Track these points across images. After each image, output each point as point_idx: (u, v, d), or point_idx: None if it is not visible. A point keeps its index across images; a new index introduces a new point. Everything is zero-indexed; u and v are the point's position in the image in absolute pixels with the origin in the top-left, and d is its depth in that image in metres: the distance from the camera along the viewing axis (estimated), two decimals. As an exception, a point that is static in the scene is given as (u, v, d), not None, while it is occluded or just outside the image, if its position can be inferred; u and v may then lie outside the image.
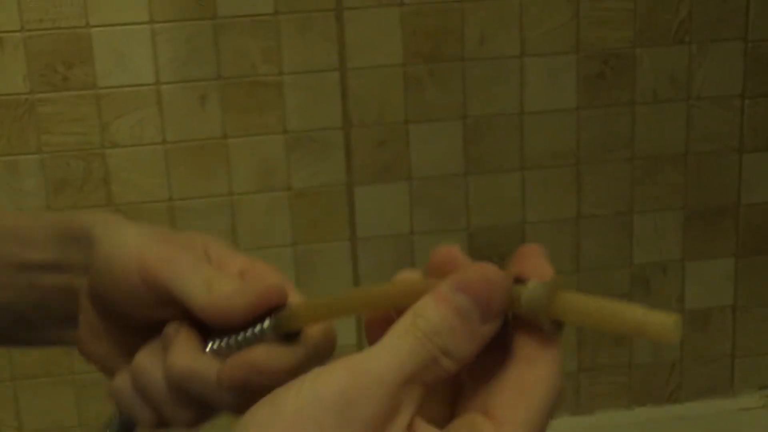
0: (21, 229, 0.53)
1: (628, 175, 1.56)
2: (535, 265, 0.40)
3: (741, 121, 1.56)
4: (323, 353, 0.48)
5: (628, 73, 1.51)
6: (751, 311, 1.65)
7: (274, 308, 0.47)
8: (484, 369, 0.39)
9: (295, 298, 0.49)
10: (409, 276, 0.42)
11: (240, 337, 0.47)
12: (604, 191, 1.56)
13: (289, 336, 0.47)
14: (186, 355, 0.47)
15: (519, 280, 0.38)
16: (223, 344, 0.48)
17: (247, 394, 0.45)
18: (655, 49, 1.51)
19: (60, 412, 1.51)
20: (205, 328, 0.49)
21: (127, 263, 0.49)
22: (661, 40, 1.51)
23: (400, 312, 0.39)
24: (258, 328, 0.47)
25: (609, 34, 1.49)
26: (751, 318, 1.65)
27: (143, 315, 0.50)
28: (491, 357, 0.39)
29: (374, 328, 0.42)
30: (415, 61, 1.45)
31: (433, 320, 0.37)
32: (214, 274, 0.48)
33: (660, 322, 0.36)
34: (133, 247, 0.49)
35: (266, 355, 0.46)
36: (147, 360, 0.49)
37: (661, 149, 1.55)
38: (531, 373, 0.38)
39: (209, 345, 0.48)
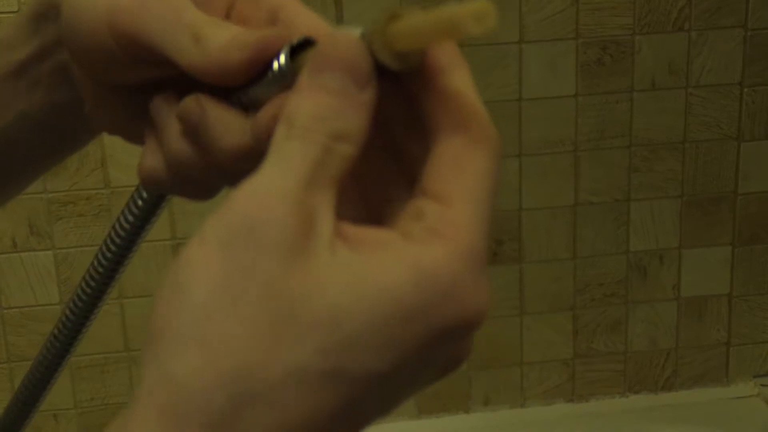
0: (3, 38, 0.48)
1: (626, 163, 1.56)
2: None
3: (739, 109, 1.56)
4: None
5: (627, 61, 1.51)
6: (747, 300, 1.65)
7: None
8: (410, 156, 0.36)
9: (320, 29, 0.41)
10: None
11: (260, 89, 0.39)
12: (601, 178, 1.56)
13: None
14: (233, 127, 0.40)
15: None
16: (244, 97, 0.40)
17: None
18: (654, 36, 1.50)
19: (54, 394, 1.51)
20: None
21: (96, 22, 0.41)
22: (661, 27, 1.50)
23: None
24: (275, 72, 0.39)
25: (608, 21, 1.49)
26: (746, 306, 1.65)
27: (130, 78, 0.43)
28: (411, 140, 0.36)
29: None
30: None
31: (307, 110, 0.33)
32: (203, 20, 0.40)
33: (461, 13, 0.31)
34: (99, 6, 0.42)
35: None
36: (182, 148, 0.41)
37: (659, 137, 1.55)
38: (462, 141, 0.34)
39: (235, 97, 0.40)
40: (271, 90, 0.39)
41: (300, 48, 0.38)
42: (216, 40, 0.39)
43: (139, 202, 0.48)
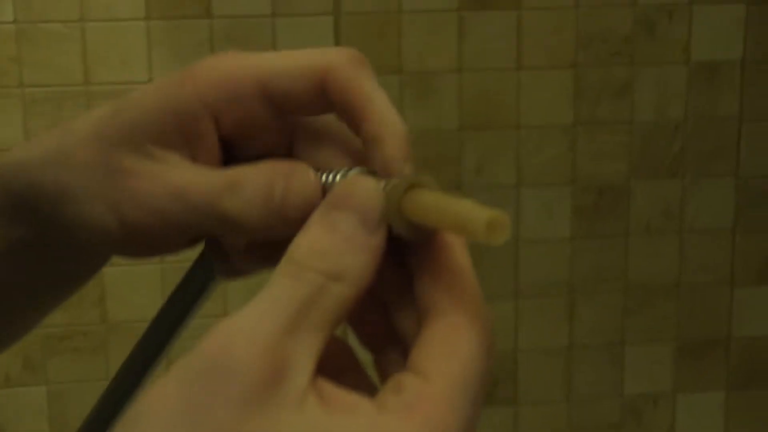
0: None
1: (621, 306, 1.56)
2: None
3: (732, 254, 1.57)
4: None
5: (622, 205, 1.53)
6: (743, 445, 1.64)
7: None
8: (404, 328, 0.35)
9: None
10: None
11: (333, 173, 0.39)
12: (596, 321, 1.56)
13: None
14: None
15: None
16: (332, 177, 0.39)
17: None
18: (648, 181, 1.53)
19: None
20: None
21: (115, 243, 0.41)
22: (655, 173, 1.53)
23: None
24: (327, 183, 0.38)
25: (604, 166, 1.52)
26: (743, 453, 1.64)
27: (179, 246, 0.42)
28: (408, 316, 0.35)
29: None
30: (413, 187, 1.47)
31: (307, 246, 0.32)
32: (220, 194, 0.39)
33: (477, 217, 0.30)
34: (109, 225, 0.40)
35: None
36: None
37: (653, 280, 1.56)
38: (452, 322, 0.32)
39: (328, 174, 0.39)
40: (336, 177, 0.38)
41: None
42: (246, 215, 0.38)
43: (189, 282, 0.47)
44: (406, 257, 0.36)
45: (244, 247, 0.41)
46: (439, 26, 1.44)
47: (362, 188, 0.33)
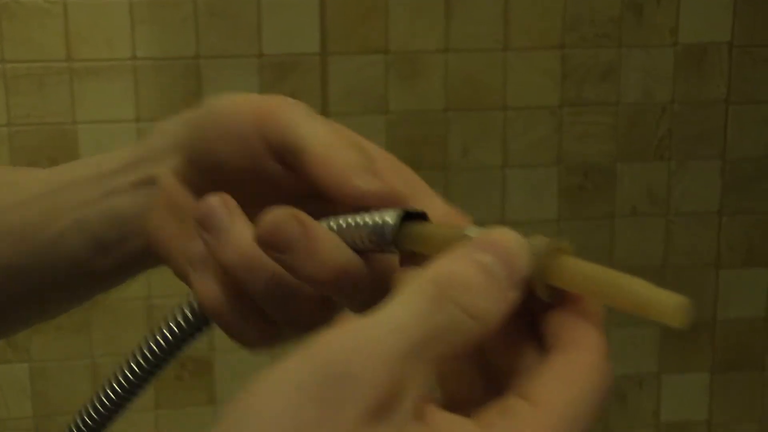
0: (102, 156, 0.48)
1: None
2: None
3: (718, 237, 1.57)
4: None
5: (608, 187, 1.53)
6: (726, 427, 1.64)
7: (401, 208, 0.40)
8: (517, 357, 0.35)
9: (441, 209, 0.42)
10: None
11: (361, 224, 0.39)
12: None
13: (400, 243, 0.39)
14: (341, 248, 0.39)
15: None
16: (335, 225, 0.40)
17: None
18: (634, 164, 1.53)
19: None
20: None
21: (240, 111, 0.43)
22: (641, 155, 1.53)
23: None
24: (381, 220, 0.39)
25: (590, 148, 1.51)
26: (726, 435, 1.64)
27: (246, 177, 0.43)
28: (522, 343, 0.35)
29: None
30: (398, 168, 1.47)
31: (455, 276, 0.31)
32: (345, 141, 0.42)
33: (662, 301, 0.31)
34: (246, 98, 0.44)
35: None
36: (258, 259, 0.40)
37: (639, 262, 1.56)
38: (573, 358, 0.32)
39: (326, 222, 0.40)
40: (363, 232, 0.39)
41: (412, 217, 0.40)
42: (353, 155, 0.41)
43: (181, 323, 0.46)
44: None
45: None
46: (425, 7, 1.44)
47: (514, 242, 0.33)
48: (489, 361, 0.35)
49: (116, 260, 0.48)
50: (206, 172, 0.44)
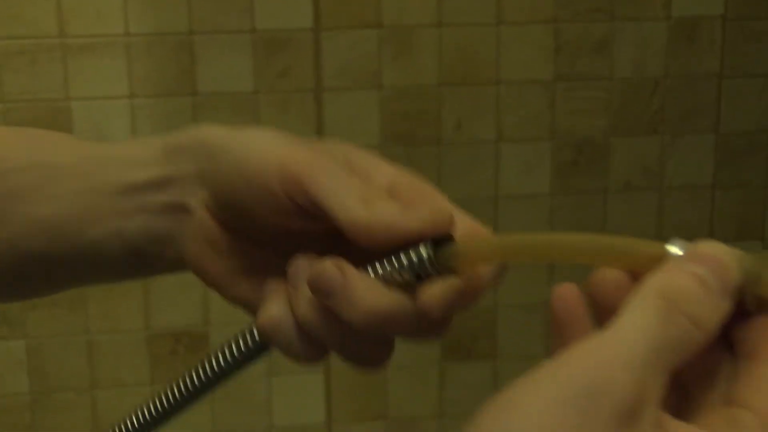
0: (127, 152, 0.49)
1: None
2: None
3: (711, 211, 1.58)
4: (476, 297, 0.44)
5: (601, 162, 1.53)
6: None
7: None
8: (713, 364, 0.36)
9: (462, 223, 0.44)
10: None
11: (398, 265, 0.43)
12: (576, 277, 1.56)
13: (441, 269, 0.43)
14: (377, 293, 0.42)
15: None
16: (381, 271, 0.43)
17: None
18: (628, 138, 1.53)
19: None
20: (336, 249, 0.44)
21: (265, 167, 0.44)
22: (634, 129, 1.53)
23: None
24: (416, 256, 0.42)
25: (583, 123, 1.52)
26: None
27: (276, 224, 0.45)
28: (715, 351, 0.36)
29: (564, 326, 0.39)
30: (392, 143, 1.47)
31: (680, 287, 0.33)
32: (371, 190, 0.44)
33: None
34: (271, 150, 0.44)
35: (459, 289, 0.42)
36: (309, 309, 0.44)
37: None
38: None
39: (371, 271, 0.43)
40: (403, 271, 0.42)
41: (442, 243, 0.42)
42: (385, 208, 0.43)
43: (242, 348, 0.47)
44: None
45: None
46: (418, -20, 1.43)
47: (726, 253, 0.35)
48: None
49: (152, 270, 0.51)
50: (234, 212, 0.46)
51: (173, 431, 0.52)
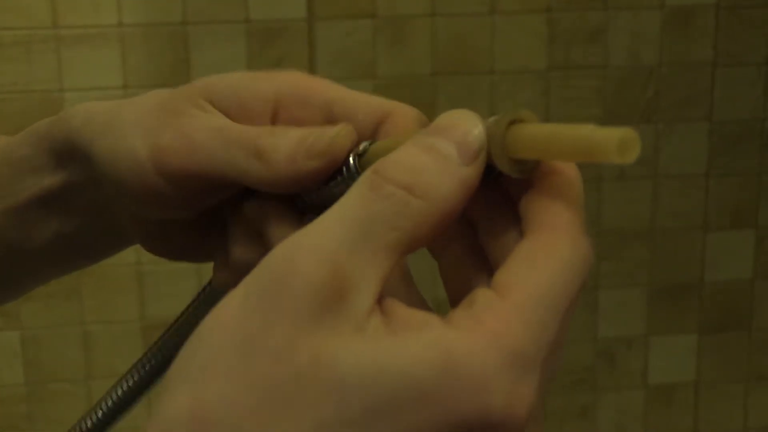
0: (22, 156, 0.46)
1: (595, 250, 1.56)
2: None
3: (705, 199, 1.58)
4: None
5: (595, 150, 1.53)
6: (714, 388, 1.66)
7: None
8: (504, 247, 0.33)
9: (398, 120, 0.40)
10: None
11: (327, 191, 0.38)
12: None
13: None
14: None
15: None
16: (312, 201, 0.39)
17: None
18: (622, 126, 1.53)
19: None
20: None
21: (140, 168, 0.40)
22: (629, 118, 1.53)
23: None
24: (344, 175, 0.38)
25: (577, 112, 1.52)
26: (713, 394, 1.66)
27: (186, 211, 0.42)
28: (509, 233, 0.33)
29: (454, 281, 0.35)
30: (387, 132, 1.47)
31: (398, 160, 0.30)
32: (254, 133, 0.39)
33: (607, 138, 0.29)
34: (139, 151, 0.40)
35: None
36: (246, 255, 0.40)
37: (627, 225, 1.57)
38: (543, 240, 0.31)
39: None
40: (340, 191, 0.36)
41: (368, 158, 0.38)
42: (280, 151, 0.38)
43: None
44: (505, 187, 0.34)
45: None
46: (412, -30, 1.43)
47: (464, 119, 0.32)
48: (487, 256, 0.35)
49: (120, 242, 0.49)
50: (140, 209, 0.44)
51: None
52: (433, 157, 0.31)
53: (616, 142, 0.29)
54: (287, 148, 0.38)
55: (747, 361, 1.66)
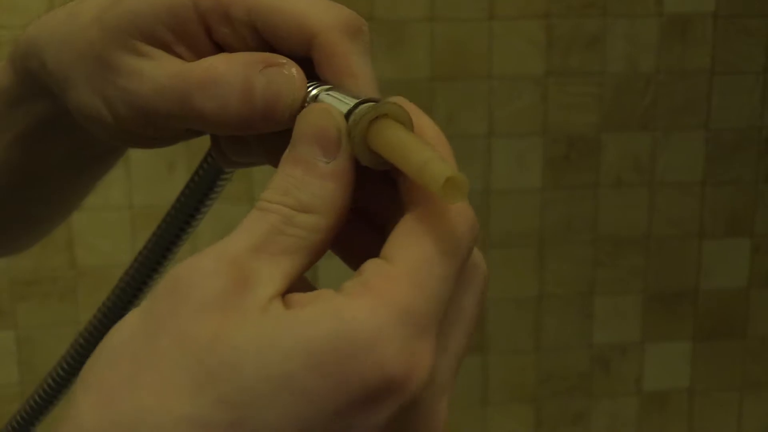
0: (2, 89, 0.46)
1: (591, 257, 1.57)
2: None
3: (701, 207, 1.58)
4: None
5: (592, 157, 1.54)
6: (709, 395, 1.66)
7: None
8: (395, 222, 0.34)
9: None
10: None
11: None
12: (566, 272, 1.57)
13: None
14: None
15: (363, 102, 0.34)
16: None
17: None
18: (619, 134, 1.53)
19: None
20: None
21: (109, 129, 0.40)
22: (626, 125, 1.53)
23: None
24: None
25: (575, 118, 1.52)
26: (708, 401, 1.66)
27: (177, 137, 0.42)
28: (389, 218, 0.34)
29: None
30: (384, 136, 1.47)
31: (274, 183, 0.32)
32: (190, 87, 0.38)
33: (436, 174, 0.29)
34: (101, 112, 0.40)
35: None
36: None
37: (623, 232, 1.57)
38: (427, 212, 0.31)
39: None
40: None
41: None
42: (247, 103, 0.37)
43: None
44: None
45: (233, 140, 0.42)
46: (411, -26, 1.43)
47: (317, 115, 0.33)
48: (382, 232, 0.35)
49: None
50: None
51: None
52: (301, 168, 0.32)
53: (441, 182, 0.29)
54: (231, 108, 0.37)
55: (741, 369, 1.66)
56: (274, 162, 0.37)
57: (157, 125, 0.39)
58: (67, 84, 0.41)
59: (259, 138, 0.40)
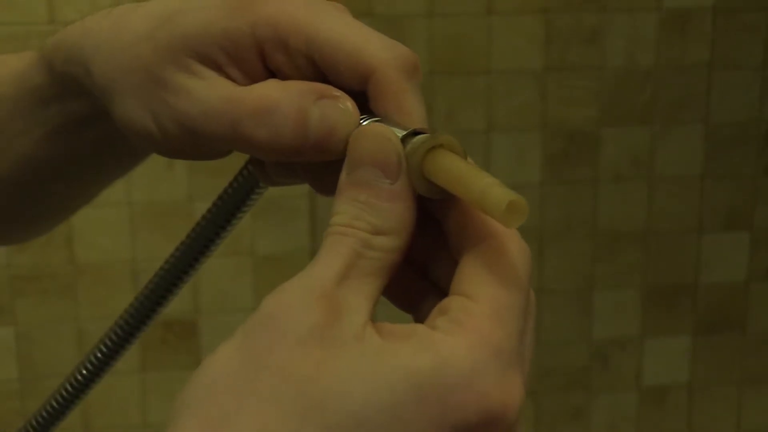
0: (35, 85, 0.47)
1: (590, 252, 1.57)
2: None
3: (700, 201, 1.58)
4: None
5: (591, 152, 1.54)
6: (708, 390, 1.66)
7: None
8: (440, 277, 0.36)
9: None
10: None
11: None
12: (565, 267, 1.57)
13: None
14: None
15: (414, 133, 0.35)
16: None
17: None
18: (618, 129, 1.53)
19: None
20: None
21: (155, 145, 0.41)
22: (625, 120, 1.53)
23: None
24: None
25: (574, 113, 1.52)
26: (707, 396, 1.66)
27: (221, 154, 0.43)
28: (445, 265, 0.36)
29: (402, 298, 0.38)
30: (383, 132, 1.47)
31: (343, 210, 0.34)
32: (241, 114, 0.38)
33: (497, 199, 0.31)
34: (149, 127, 0.40)
35: None
36: None
37: (622, 227, 1.57)
38: (493, 248, 0.34)
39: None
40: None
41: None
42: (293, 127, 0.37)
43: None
44: (433, 208, 0.36)
45: (279, 163, 0.42)
46: (410, -31, 1.43)
47: (374, 139, 0.34)
48: (431, 273, 0.37)
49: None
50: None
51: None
52: (365, 192, 0.34)
53: (504, 207, 0.31)
54: (284, 138, 0.37)
55: (741, 364, 1.66)
56: (318, 186, 0.39)
57: (204, 144, 0.40)
58: (114, 96, 0.41)
59: (306, 163, 0.40)
